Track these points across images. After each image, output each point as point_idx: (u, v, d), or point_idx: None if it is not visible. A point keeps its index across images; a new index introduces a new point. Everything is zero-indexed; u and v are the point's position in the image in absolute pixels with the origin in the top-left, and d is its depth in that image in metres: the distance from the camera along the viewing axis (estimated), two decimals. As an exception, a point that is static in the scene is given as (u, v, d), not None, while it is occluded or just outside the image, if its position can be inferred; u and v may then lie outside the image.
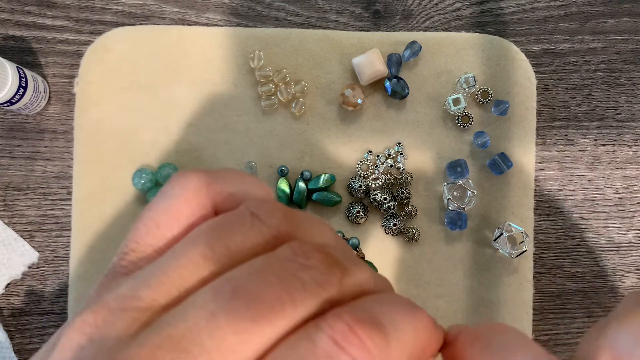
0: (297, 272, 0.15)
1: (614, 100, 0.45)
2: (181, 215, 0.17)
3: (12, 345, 0.42)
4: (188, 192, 0.17)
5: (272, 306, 0.14)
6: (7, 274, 0.43)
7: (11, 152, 0.44)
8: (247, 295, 0.14)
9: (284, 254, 0.15)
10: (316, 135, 0.44)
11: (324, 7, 0.45)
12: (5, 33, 0.44)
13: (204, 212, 0.17)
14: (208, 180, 0.18)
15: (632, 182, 0.45)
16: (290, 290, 0.14)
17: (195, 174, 0.18)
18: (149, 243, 0.17)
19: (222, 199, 0.18)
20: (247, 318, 0.13)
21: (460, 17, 0.45)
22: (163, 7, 0.44)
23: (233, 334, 0.13)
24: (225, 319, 0.13)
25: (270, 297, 0.14)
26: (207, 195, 0.17)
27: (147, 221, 0.17)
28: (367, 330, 0.14)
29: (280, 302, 0.14)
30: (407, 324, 0.15)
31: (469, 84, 0.42)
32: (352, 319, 0.14)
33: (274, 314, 0.14)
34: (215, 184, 0.18)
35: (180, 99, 0.44)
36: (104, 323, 0.14)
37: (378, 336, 0.14)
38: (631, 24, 0.45)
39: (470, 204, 0.41)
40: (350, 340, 0.14)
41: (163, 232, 0.17)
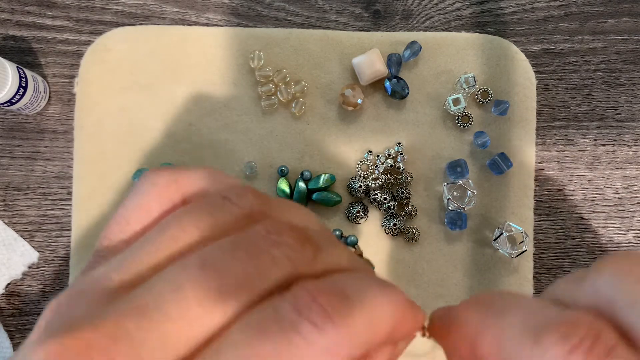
0: (268, 248, 0.15)
1: (613, 100, 0.45)
2: (151, 210, 0.17)
3: (12, 345, 0.42)
4: (157, 187, 0.18)
5: (239, 280, 0.14)
6: (7, 274, 0.43)
7: (11, 152, 0.44)
8: (214, 269, 0.14)
9: (255, 230, 0.15)
10: (316, 135, 0.44)
11: (324, 7, 0.45)
12: (5, 33, 0.44)
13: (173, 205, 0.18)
14: (176, 176, 0.18)
15: (632, 182, 0.45)
16: (258, 265, 0.14)
17: (164, 171, 0.18)
18: (120, 239, 0.17)
19: (191, 193, 0.18)
20: (213, 290, 0.14)
21: (460, 17, 0.45)
22: (163, 7, 0.44)
23: (198, 305, 0.13)
24: (191, 290, 0.14)
25: (237, 271, 0.14)
26: (176, 190, 0.18)
27: (119, 218, 0.18)
28: (329, 299, 0.14)
29: (247, 276, 0.14)
30: (375, 298, 0.15)
31: (469, 84, 0.42)
32: (315, 289, 0.14)
33: (240, 287, 0.14)
34: (183, 179, 0.18)
35: (180, 99, 0.44)
36: (74, 301, 0.14)
37: (341, 304, 0.14)
38: (631, 24, 0.45)
39: (470, 204, 0.41)
40: (312, 307, 0.14)
41: (133, 227, 0.17)
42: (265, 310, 0.14)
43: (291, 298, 0.14)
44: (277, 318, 0.14)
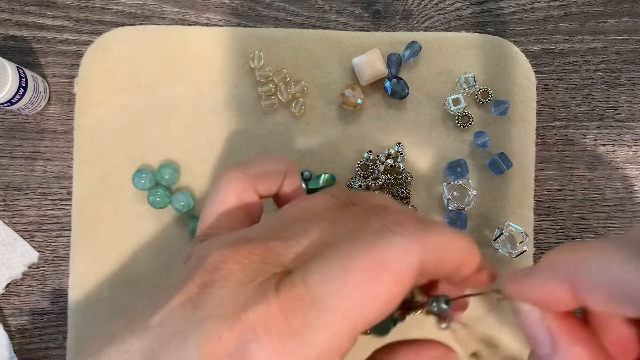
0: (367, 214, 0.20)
1: (614, 100, 0.45)
2: (232, 200, 0.25)
3: (12, 345, 0.42)
4: (231, 183, 0.25)
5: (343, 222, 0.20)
6: (7, 274, 0.43)
7: (11, 152, 0.44)
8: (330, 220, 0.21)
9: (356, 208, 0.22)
10: (316, 135, 0.44)
11: (324, 7, 0.45)
12: (5, 33, 0.44)
13: (247, 193, 0.25)
14: (243, 169, 0.25)
15: (632, 182, 0.45)
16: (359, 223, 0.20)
17: (233, 169, 0.26)
18: (217, 225, 0.24)
19: (257, 180, 0.25)
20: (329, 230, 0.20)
21: (460, 17, 0.45)
22: (163, 7, 0.44)
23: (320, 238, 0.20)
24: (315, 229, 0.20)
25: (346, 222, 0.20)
26: (246, 181, 0.25)
27: (209, 212, 0.25)
28: (411, 219, 0.19)
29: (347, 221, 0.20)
30: (449, 232, 0.20)
31: (469, 84, 0.42)
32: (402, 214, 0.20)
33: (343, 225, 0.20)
34: (248, 170, 0.25)
35: (180, 99, 0.44)
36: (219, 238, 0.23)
37: (419, 223, 0.19)
38: (631, 24, 0.45)
39: (470, 204, 0.41)
40: (395, 222, 0.19)
41: (224, 216, 0.24)
42: (362, 227, 0.19)
43: (380, 217, 0.19)
44: (370, 228, 0.19)
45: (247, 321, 0.17)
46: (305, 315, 0.17)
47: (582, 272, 0.18)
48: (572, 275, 0.18)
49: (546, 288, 0.19)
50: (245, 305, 0.17)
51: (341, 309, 0.17)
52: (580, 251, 0.18)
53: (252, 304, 0.17)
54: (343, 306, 0.17)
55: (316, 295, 0.17)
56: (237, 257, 0.19)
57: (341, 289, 0.17)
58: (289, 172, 0.27)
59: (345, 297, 0.17)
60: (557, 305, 0.19)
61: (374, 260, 0.18)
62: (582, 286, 0.18)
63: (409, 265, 0.18)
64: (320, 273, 0.18)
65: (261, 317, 0.17)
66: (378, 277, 0.17)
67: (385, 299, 0.18)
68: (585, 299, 0.18)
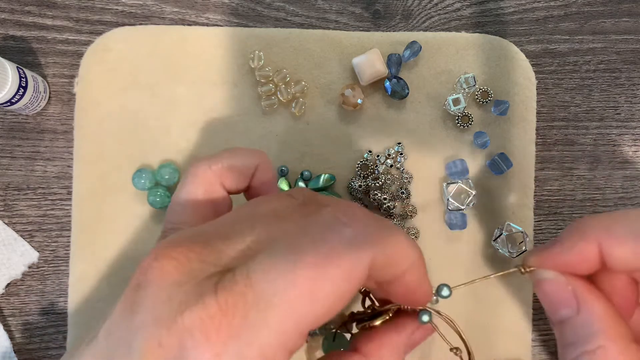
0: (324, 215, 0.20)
1: (614, 100, 0.45)
2: (197, 195, 0.24)
3: (12, 345, 0.42)
4: (197, 177, 0.24)
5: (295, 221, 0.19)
6: (7, 274, 0.43)
7: (11, 152, 0.44)
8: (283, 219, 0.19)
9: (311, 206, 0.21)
10: (316, 135, 0.44)
11: (324, 7, 0.45)
12: (5, 33, 0.44)
13: (214, 187, 0.24)
14: (210, 163, 0.24)
15: (632, 182, 0.45)
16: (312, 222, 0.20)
17: (199, 162, 0.25)
18: (181, 220, 0.23)
19: (224, 173, 0.25)
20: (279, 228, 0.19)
21: (460, 17, 0.45)
22: (163, 7, 0.44)
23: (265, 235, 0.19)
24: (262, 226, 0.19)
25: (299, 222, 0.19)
26: (212, 174, 0.24)
27: (176, 207, 0.24)
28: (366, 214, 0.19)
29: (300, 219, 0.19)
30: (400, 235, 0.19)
31: (469, 84, 0.42)
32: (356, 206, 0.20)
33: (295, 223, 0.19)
34: (215, 164, 0.24)
35: (180, 99, 0.44)
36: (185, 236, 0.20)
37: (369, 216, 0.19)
38: (631, 24, 0.45)
39: (470, 204, 0.41)
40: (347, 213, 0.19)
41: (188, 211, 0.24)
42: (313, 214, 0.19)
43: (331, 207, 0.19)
44: (320, 221, 0.18)
45: (184, 324, 0.16)
46: (246, 314, 0.16)
47: (610, 232, 0.20)
48: (602, 235, 0.20)
49: (576, 250, 0.21)
50: (181, 307, 0.16)
51: (285, 306, 0.16)
52: (607, 216, 0.20)
53: (188, 305, 0.16)
54: (287, 303, 0.16)
55: (259, 292, 0.16)
56: (173, 255, 0.18)
57: (286, 285, 0.16)
58: (260, 167, 0.26)
59: (290, 293, 0.16)
60: (583, 267, 0.21)
61: (322, 254, 0.17)
62: (610, 244, 0.20)
63: (360, 261, 0.17)
64: (265, 269, 0.17)
65: (198, 319, 0.16)
66: (326, 272, 0.17)
67: (334, 296, 0.17)
68: (613, 256, 0.20)
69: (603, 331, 0.20)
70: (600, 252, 0.20)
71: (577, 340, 0.20)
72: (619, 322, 0.20)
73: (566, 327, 0.21)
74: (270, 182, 0.27)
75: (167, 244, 0.18)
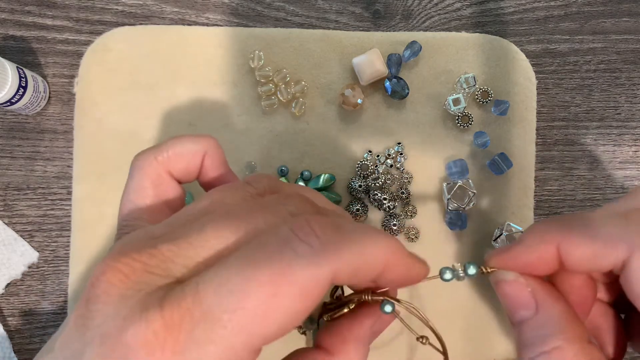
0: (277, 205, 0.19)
1: (614, 100, 0.45)
2: (145, 188, 0.23)
3: (12, 345, 0.42)
4: (143, 170, 0.23)
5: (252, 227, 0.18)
6: (7, 274, 0.43)
7: (11, 152, 0.44)
8: (235, 217, 0.18)
9: (270, 198, 0.20)
10: (316, 135, 0.44)
11: (324, 7, 0.45)
12: (5, 33, 0.44)
13: (162, 178, 0.24)
14: (155, 154, 0.24)
15: (632, 182, 0.45)
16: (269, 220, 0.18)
17: (143, 154, 0.24)
18: (134, 217, 0.22)
19: (170, 162, 0.24)
20: (231, 231, 0.18)
21: (460, 17, 0.45)
22: (163, 7, 0.44)
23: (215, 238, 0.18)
24: (212, 227, 0.18)
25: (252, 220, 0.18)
26: (158, 165, 0.24)
27: (126, 202, 0.23)
28: (323, 226, 0.17)
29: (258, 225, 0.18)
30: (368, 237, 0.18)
31: (469, 84, 0.42)
32: (315, 220, 0.18)
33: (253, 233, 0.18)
34: (160, 154, 0.24)
35: (180, 99, 0.44)
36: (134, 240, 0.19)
37: (332, 231, 0.17)
38: (631, 24, 0.45)
39: (470, 204, 0.41)
40: (304, 228, 0.17)
41: (139, 206, 0.23)
42: (269, 232, 0.17)
43: (290, 223, 0.17)
44: (276, 235, 0.17)
45: (127, 341, 0.16)
46: (192, 330, 0.16)
47: (568, 235, 0.20)
48: (560, 237, 0.20)
49: (536, 252, 0.21)
50: (126, 323, 0.16)
51: (235, 324, 0.16)
52: (566, 218, 0.21)
53: (133, 321, 0.16)
54: (237, 320, 0.16)
55: (207, 308, 0.16)
56: (118, 267, 0.17)
57: (237, 304, 0.16)
58: (208, 153, 0.25)
59: (241, 311, 0.16)
60: (543, 268, 0.21)
61: (277, 272, 0.16)
62: (568, 246, 0.20)
63: (317, 278, 0.16)
64: (216, 284, 0.16)
65: (142, 336, 0.15)
66: (280, 290, 0.16)
67: (287, 314, 0.16)
68: (570, 257, 0.20)
69: (560, 332, 0.20)
70: (558, 254, 0.21)
71: (535, 341, 0.21)
72: (575, 323, 0.21)
73: (524, 327, 0.21)
74: (221, 169, 0.26)
75: (115, 254, 0.18)
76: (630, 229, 0.19)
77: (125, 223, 0.23)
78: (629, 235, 0.19)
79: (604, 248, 0.20)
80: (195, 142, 0.25)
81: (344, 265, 0.17)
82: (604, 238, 0.20)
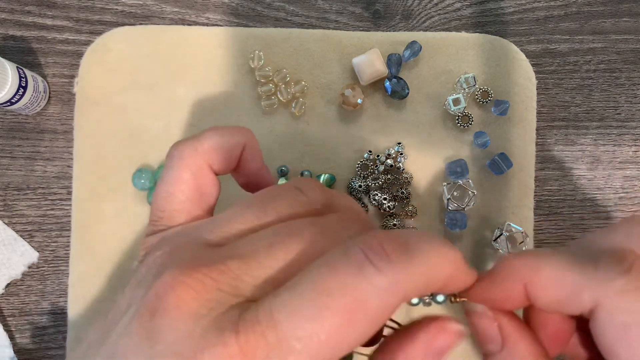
0: (340, 230, 0.19)
1: (614, 100, 0.45)
2: (186, 180, 0.22)
3: (12, 345, 0.42)
4: (184, 160, 0.22)
5: (318, 249, 0.18)
6: (7, 274, 0.43)
7: (11, 152, 0.44)
8: (300, 237, 0.18)
9: (330, 218, 0.20)
10: (316, 135, 0.44)
11: (324, 7, 0.45)
12: (5, 33, 0.44)
13: (202, 170, 0.23)
14: (195, 145, 0.23)
15: (632, 182, 0.45)
16: (333, 242, 0.18)
17: (183, 144, 0.23)
18: (171, 208, 0.22)
19: (210, 155, 0.23)
20: (298, 253, 0.18)
21: (460, 17, 0.45)
22: (163, 7, 0.44)
23: (284, 260, 0.18)
24: (280, 248, 0.18)
25: (317, 242, 0.18)
26: (198, 157, 0.23)
27: (163, 193, 0.22)
28: (394, 247, 0.17)
29: (323, 248, 0.18)
30: (434, 252, 0.18)
31: (469, 84, 0.42)
32: (383, 237, 0.17)
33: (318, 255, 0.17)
34: (201, 145, 0.23)
35: (180, 99, 0.44)
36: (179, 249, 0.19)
37: (403, 254, 0.17)
38: (631, 24, 0.45)
39: (470, 204, 0.41)
40: (378, 253, 0.16)
41: (179, 198, 0.22)
42: (338, 252, 0.17)
43: (361, 242, 0.17)
44: (347, 258, 0.16)
45: None
46: (267, 356, 0.16)
47: (537, 275, 0.20)
48: (527, 277, 0.20)
49: (503, 289, 0.21)
50: (200, 344, 0.16)
51: (307, 350, 0.16)
52: (535, 256, 0.20)
53: (208, 344, 0.16)
54: (310, 347, 0.16)
55: (282, 334, 0.16)
56: (189, 283, 0.17)
57: (311, 332, 0.16)
58: (248, 144, 0.25)
59: (314, 339, 0.16)
60: (509, 305, 0.21)
61: (351, 302, 0.16)
62: (535, 287, 0.20)
63: (390, 304, 0.17)
64: (289, 310, 0.16)
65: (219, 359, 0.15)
66: (354, 318, 0.16)
67: (357, 339, 0.17)
68: (537, 299, 0.20)
69: None
70: (526, 293, 0.21)
71: None
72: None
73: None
74: (260, 161, 0.25)
75: (182, 267, 0.17)
76: (597, 276, 0.19)
77: (161, 215, 0.22)
78: (596, 284, 0.19)
79: (569, 296, 0.19)
80: (236, 134, 0.24)
81: (414, 287, 0.17)
82: (569, 286, 0.19)
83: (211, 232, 0.19)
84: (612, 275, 0.18)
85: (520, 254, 0.21)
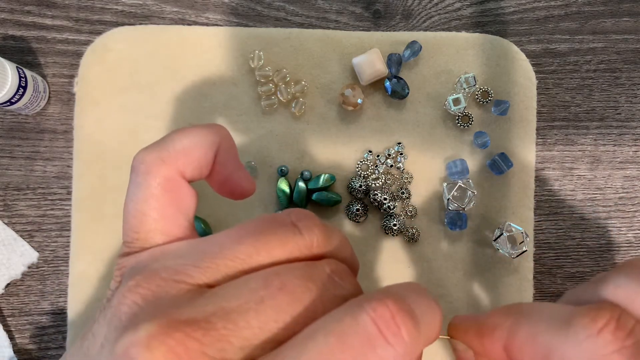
0: (333, 288, 0.17)
1: (614, 100, 0.45)
2: (156, 196, 0.20)
3: (12, 345, 0.42)
4: (150, 174, 0.20)
5: (310, 310, 0.16)
6: (7, 274, 0.43)
7: (11, 152, 0.44)
8: (292, 294, 0.16)
9: (323, 269, 0.18)
10: (316, 135, 0.44)
11: (324, 7, 0.45)
12: (5, 33, 0.44)
13: (173, 181, 0.20)
14: (161, 153, 0.20)
15: (632, 182, 0.45)
16: (325, 301, 0.17)
17: (147, 154, 0.20)
18: (146, 229, 0.19)
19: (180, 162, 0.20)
20: (289, 313, 0.16)
21: (460, 17, 0.45)
22: (163, 7, 0.44)
23: (274, 321, 0.16)
24: (271, 306, 0.16)
25: (309, 301, 0.16)
26: (166, 167, 0.20)
27: (132, 211, 0.20)
28: (405, 320, 0.16)
29: (315, 308, 0.16)
30: (432, 318, 0.17)
31: (469, 84, 0.42)
32: (394, 307, 0.16)
33: (309, 316, 0.16)
34: (167, 152, 0.20)
35: (180, 99, 0.43)
36: (157, 287, 0.17)
37: (413, 327, 0.16)
38: (631, 24, 0.45)
39: (470, 204, 0.41)
40: (391, 327, 0.15)
41: (151, 217, 0.20)
42: (346, 317, 0.15)
43: (371, 312, 0.15)
44: (356, 327, 0.15)
45: None
46: None
47: (513, 337, 0.21)
48: (505, 338, 0.21)
49: (483, 343, 0.22)
50: None
51: None
52: (514, 313, 0.21)
53: None
54: None
55: None
56: (170, 344, 0.15)
57: None
58: (222, 145, 0.22)
59: None
60: (491, 356, 0.22)
61: None
62: (512, 348, 0.21)
63: None
64: None
65: None
66: None
67: None
68: (514, 357, 0.21)
69: None
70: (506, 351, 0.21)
71: None
72: None
73: None
74: (236, 161, 0.23)
75: (161, 322, 0.15)
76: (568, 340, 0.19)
77: (135, 236, 0.19)
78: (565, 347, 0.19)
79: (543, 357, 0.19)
80: (207, 133, 0.21)
81: (418, 353, 0.17)
82: (542, 348, 0.19)
83: (195, 268, 0.17)
84: (581, 337, 0.18)
85: (503, 309, 0.22)
